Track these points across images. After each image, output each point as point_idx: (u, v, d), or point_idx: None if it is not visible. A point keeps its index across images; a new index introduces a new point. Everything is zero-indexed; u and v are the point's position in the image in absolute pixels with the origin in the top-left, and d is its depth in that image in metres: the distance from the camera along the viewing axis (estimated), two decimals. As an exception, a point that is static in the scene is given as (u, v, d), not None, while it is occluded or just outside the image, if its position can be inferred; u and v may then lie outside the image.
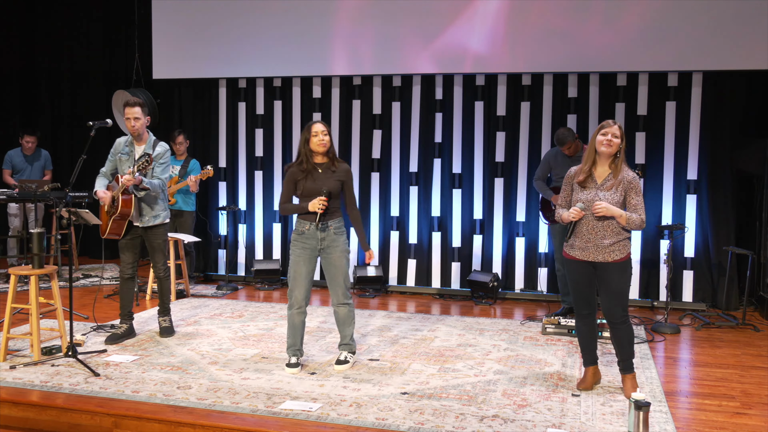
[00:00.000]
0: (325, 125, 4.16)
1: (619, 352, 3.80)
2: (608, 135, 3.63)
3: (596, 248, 3.68)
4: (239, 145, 7.41)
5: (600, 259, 3.68)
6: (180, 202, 6.61)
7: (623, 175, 3.68)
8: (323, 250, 4.17)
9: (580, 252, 3.73)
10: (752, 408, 3.70)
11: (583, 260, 3.74)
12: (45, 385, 3.83)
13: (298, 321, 4.21)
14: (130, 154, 4.70)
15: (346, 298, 4.23)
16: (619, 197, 3.65)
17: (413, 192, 6.90)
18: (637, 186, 3.67)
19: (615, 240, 3.65)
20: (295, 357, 4.21)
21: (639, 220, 3.63)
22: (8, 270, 4.84)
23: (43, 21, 8.48)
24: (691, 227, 6.22)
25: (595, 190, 3.68)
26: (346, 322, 4.28)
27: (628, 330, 3.76)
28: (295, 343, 4.22)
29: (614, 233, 3.65)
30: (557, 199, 5.63)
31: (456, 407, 3.56)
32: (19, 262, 6.80)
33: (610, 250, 3.66)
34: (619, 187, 3.65)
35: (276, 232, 7.32)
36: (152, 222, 4.72)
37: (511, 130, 6.62)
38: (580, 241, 3.72)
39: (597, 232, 3.66)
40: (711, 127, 6.16)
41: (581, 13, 6.16)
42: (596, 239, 3.66)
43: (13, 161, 7.21)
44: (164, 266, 4.88)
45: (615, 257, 3.67)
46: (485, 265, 6.73)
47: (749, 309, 5.95)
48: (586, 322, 3.88)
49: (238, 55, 7.07)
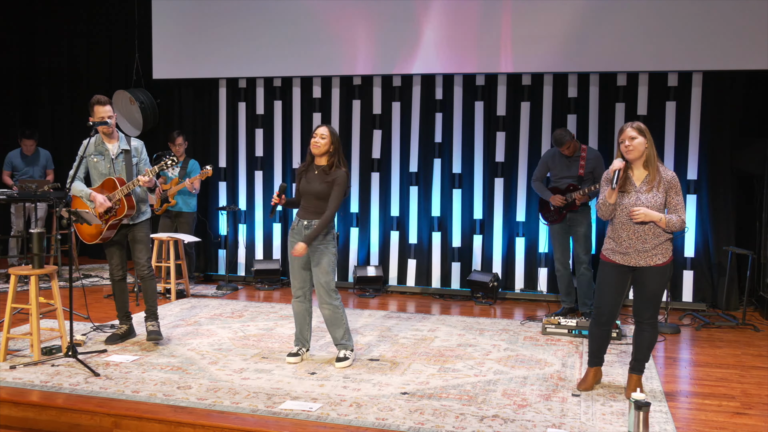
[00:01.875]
0: (329, 129, 4.21)
1: (637, 351, 3.76)
2: (625, 141, 3.58)
3: (637, 253, 3.62)
4: (239, 145, 7.41)
5: (642, 264, 3.62)
6: (180, 203, 6.62)
7: (662, 175, 3.61)
8: (309, 248, 4.21)
9: (621, 257, 3.66)
10: (752, 408, 3.70)
11: (623, 264, 3.67)
12: (45, 385, 3.83)
13: (298, 309, 4.35)
14: (104, 153, 4.55)
15: (330, 298, 4.24)
16: (661, 198, 3.59)
17: (413, 192, 6.90)
18: (677, 185, 3.61)
19: (656, 243, 3.59)
20: (298, 347, 4.36)
21: (679, 222, 3.58)
22: (8, 270, 4.84)
23: (43, 21, 8.48)
24: (691, 227, 6.22)
25: (636, 193, 3.61)
26: (334, 323, 4.29)
27: (653, 333, 3.72)
28: (298, 332, 4.37)
29: (655, 236, 3.58)
30: (556, 200, 5.65)
31: (456, 407, 3.56)
32: (19, 262, 6.80)
33: (652, 254, 3.60)
34: (660, 188, 3.59)
35: (276, 232, 7.32)
36: (140, 218, 4.66)
37: (511, 130, 6.62)
38: (620, 246, 3.65)
39: (638, 237, 3.59)
40: (711, 127, 6.16)
41: (581, 13, 6.16)
42: (637, 244, 3.60)
43: (13, 162, 7.21)
44: (147, 264, 4.69)
45: (657, 261, 3.62)
46: (485, 265, 6.73)
47: (749, 309, 5.95)
48: (603, 330, 3.83)
49: (238, 55, 7.07)
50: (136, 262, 4.70)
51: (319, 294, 4.26)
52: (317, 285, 4.26)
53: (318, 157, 4.22)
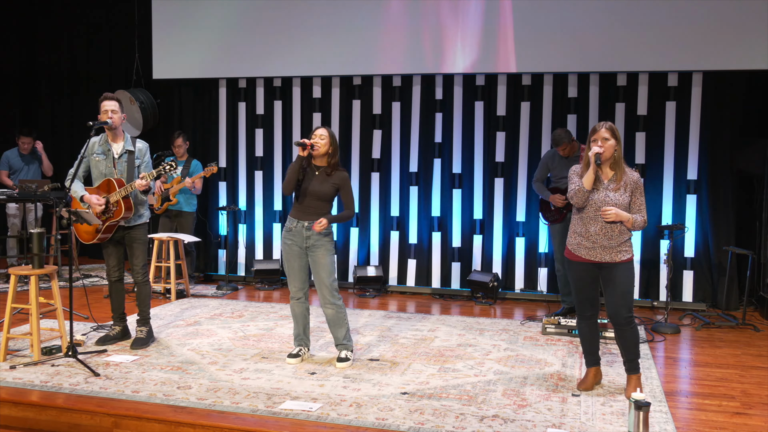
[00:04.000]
0: (327, 130, 4.22)
1: (625, 353, 3.79)
2: (598, 141, 3.69)
3: (603, 248, 3.71)
4: (239, 145, 7.41)
5: (608, 260, 3.71)
6: (182, 202, 6.61)
7: (627, 177, 3.74)
8: (309, 249, 4.23)
9: (586, 252, 3.75)
10: (752, 408, 3.70)
11: (588, 261, 3.75)
12: (45, 385, 3.83)
13: (298, 310, 4.35)
14: (107, 153, 4.54)
15: (334, 298, 4.23)
16: (627, 199, 3.71)
17: (413, 192, 6.90)
18: (641, 187, 3.75)
19: (621, 240, 3.70)
20: (299, 347, 4.36)
21: (642, 222, 3.72)
22: (8, 270, 4.84)
23: (43, 21, 8.48)
24: (691, 227, 6.22)
25: (605, 191, 3.72)
26: (336, 323, 4.29)
27: (634, 331, 3.75)
28: (299, 333, 4.37)
29: (620, 233, 3.70)
30: (556, 200, 5.65)
31: (456, 407, 3.56)
32: (19, 262, 6.79)
33: (617, 250, 3.70)
34: (627, 189, 3.72)
35: (276, 232, 7.32)
36: (137, 221, 4.63)
37: (511, 130, 6.62)
38: (587, 240, 3.74)
39: (605, 233, 3.70)
40: (711, 127, 6.16)
41: (581, 13, 6.16)
42: (603, 240, 3.70)
43: (10, 161, 7.19)
44: (143, 269, 4.67)
45: (622, 257, 3.71)
46: (485, 265, 6.73)
47: (749, 309, 5.95)
48: (589, 323, 3.89)
49: (238, 55, 7.07)
50: (131, 268, 4.68)
51: (322, 294, 4.24)
52: (320, 285, 4.24)
53: (317, 158, 4.22)
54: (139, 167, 4.59)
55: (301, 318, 4.37)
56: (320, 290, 4.25)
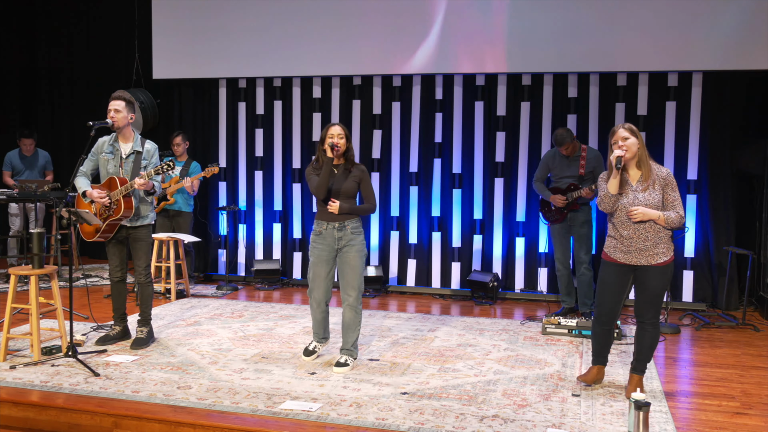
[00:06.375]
0: (343, 128, 4.18)
1: (639, 352, 3.76)
2: (618, 142, 3.61)
3: (639, 251, 3.63)
4: (239, 145, 7.41)
5: (644, 262, 3.64)
6: (180, 202, 6.61)
7: (656, 173, 3.65)
8: (340, 250, 4.20)
9: (622, 255, 3.68)
10: (752, 408, 3.70)
11: (624, 263, 3.69)
12: (45, 385, 3.83)
13: (320, 317, 4.35)
14: (115, 152, 4.54)
15: (357, 302, 4.21)
16: (658, 196, 3.61)
17: (413, 192, 6.90)
18: (672, 182, 3.64)
19: (657, 240, 3.61)
20: (321, 342, 4.40)
21: (678, 217, 3.59)
22: (8, 270, 4.84)
23: (43, 21, 8.48)
24: (691, 227, 6.22)
25: (633, 193, 3.64)
26: (351, 327, 4.25)
27: (655, 333, 3.72)
28: (318, 331, 4.39)
29: (655, 233, 3.60)
30: (556, 200, 5.65)
31: (456, 407, 3.56)
32: (19, 262, 6.80)
33: (654, 252, 3.62)
34: (656, 186, 3.63)
35: (276, 232, 7.32)
36: (141, 222, 4.61)
37: (511, 130, 6.62)
38: (622, 246, 3.67)
39: (639, 235, 3.61)
40: (711, 127, 6.16)
41: (581, 13, 6.16)
42: (638, 242, 3.62)
43: (12, 162, 7.20)
44: (146, 271, 4.66)
45: (659, 260, 3.63)
46: (485, 265, 6.73)
47: (749, 309, 5.96)
48: (605, 330, 3.85)
49: (238, 55, 7.07)
50: (135, 269, 4.69)
51: (347, 294, 4.20)
52: (346, 286, 4.19)
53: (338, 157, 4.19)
54: (145, 168, 4.56)
55: (323, 322, 4.36)
56: (345, 291, 4.21)
